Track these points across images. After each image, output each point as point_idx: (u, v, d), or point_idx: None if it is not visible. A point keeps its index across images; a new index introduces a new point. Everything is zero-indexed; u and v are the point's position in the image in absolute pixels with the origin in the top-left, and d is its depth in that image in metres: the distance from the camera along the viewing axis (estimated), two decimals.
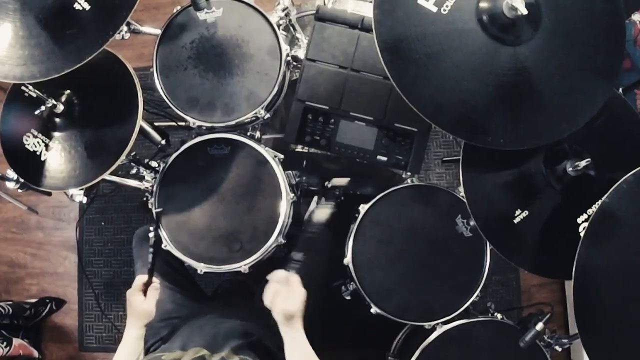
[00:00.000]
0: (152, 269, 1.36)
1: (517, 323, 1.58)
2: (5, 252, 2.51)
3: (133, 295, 1.32)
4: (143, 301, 1.31)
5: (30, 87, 1.42)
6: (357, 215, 1.60)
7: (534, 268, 1.39)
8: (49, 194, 1.59)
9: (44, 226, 2.52)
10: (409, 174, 1.60)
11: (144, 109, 1.48)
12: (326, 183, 1.38)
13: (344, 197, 2.03)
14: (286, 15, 1.67)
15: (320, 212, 1.52)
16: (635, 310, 1.18)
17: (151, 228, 1.48)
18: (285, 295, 1.24)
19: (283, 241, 1.57)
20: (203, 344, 1.25)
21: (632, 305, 1.18)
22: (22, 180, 1.52)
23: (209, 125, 1.57)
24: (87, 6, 1.23)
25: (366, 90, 1.55)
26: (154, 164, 1.66)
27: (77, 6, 1.23)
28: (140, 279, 1.35)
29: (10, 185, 1.52)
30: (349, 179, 1.41)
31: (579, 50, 1.24)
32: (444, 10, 1.18)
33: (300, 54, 1.62)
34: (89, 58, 1.22)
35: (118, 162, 1.46)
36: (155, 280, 1.37)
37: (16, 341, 2.22)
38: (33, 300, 2.34)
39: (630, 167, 1.18)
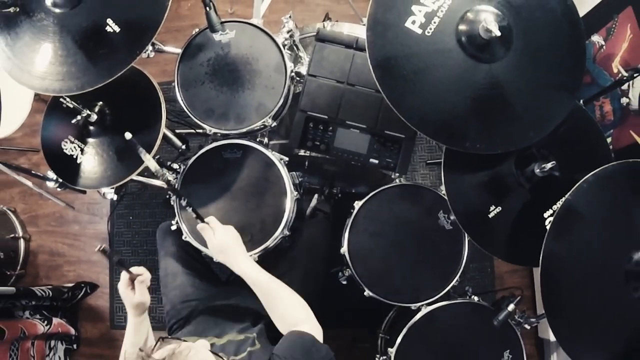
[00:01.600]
0: (127, 266, 1.19)
1: (492, 304, 1.58)
2: (46, 242, 2.51)
3: (124, 292, 1.19)
4: (133, 297, 1.18)
5: (68, 99, 1.42)
6: (352, 210, 1.60)
7: (506, 256, 1.39)
8: (84, 192, 1.59)
9: (79, 220, 2.52)
10: (397, 174, 1.60)
11: (166, 118, 1.49)
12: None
13: (341, 195, 2.03)
14: (290, 36, 1.67)
15: None
16: (593, 294, 1.18)
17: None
18: (209, 235, 1.26)
19: (288, 233, 1.57)
20: (217, 330, 1.25)
21: (591, 289, 1.18)
22: (61, 180, 1.52)
23: (223, 132, 1.57)
24: (117, 29, 1.23)
25: (360, 102, 1.55)
26: (175, 166, 1.66)
27: (108, 29, 1.23)
28: (124, 275, 1.19)
29: (51, 184, 1.53)
30: None
31: (546, 67, 1.24)
32: (428, 32, 1.18)
33: (303, 70, 1.62)
34: (119, 74, 1.22)
35: (144, 165, 1.46)
36: (139, 273, 1.21)
37: (55, 320, 2.22)
38: (70, 285, 2.34)
39: (590, 168, 1.18)
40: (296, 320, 1.15)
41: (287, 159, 1.62)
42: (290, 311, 1.19)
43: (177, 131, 1.73)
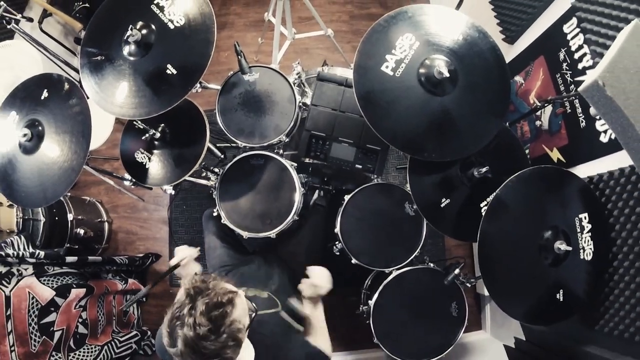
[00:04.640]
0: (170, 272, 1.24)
1: (443, 269, 1.58)
2: (123, 225, 2.51)
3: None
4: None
5: (139, 122, 1.43)
6: (342, 201, 1.60)
7: (454, 234, 1.39)
8: (151, 188, 1.59)
9: (147, 209, 2.51)
10: (375, 176, 1.60)
11: (210, 135, 1.49)
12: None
13: (335, 191, 2.02)
14: (299, 77, 1.68)
15: None
16: (516, 261, 1.19)
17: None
18: (314, 288, 1.23)
19: (297, 218, 1.57)
20: (255, 285, 1.23)
21: (514, 258, 1.19)
22: (134, 180, 1.52)
23: (251, 145, 1.57)
24: (174, 71, 1.24)
25: (349, 124, 1.55)
26: (216, 170, 1.66)
27: (168, 71, 1.24)
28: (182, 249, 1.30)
29: (127, 183, 1.53)
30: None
31: (482, 99, 1.24)
32: (397, 74, 1.19)
33: (308, 101, 1.62)
34: (176, 104, 1.22)
35: (194, 169, 1.46)
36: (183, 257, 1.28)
37: (130, 280, 2.22)
38: (141, 255, 2.34)
39: (514, 172, 1.18)
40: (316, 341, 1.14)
41: (296, 164, 1.62)
42: (320, 332, 1.19)
43: (218, 145, 1.73)
